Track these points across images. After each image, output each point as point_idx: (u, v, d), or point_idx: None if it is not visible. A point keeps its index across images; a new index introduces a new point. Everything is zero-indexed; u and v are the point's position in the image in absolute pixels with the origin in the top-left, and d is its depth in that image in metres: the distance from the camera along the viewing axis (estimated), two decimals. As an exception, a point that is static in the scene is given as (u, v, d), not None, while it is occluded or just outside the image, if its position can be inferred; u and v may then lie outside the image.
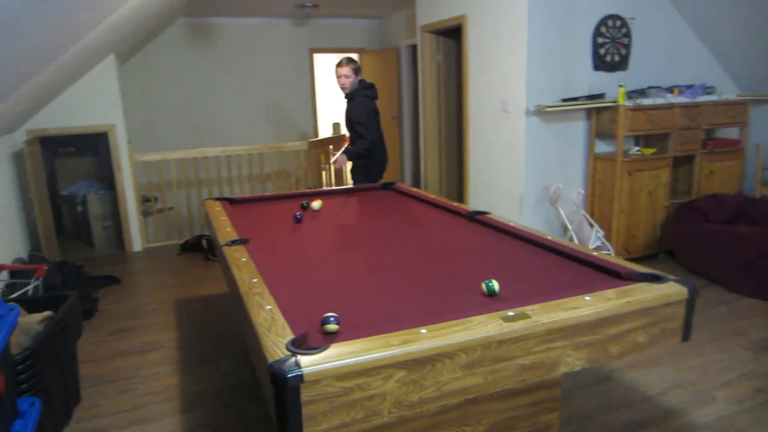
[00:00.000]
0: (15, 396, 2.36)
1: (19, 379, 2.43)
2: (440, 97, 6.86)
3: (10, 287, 4.02)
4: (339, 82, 4.68)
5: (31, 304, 3.13)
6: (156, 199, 7.23)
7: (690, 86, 5.29)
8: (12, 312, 2.32)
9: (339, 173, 7.25)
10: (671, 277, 2.06)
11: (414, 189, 4.25)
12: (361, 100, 4.64)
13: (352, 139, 4.75)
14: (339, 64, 4.67)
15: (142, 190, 7.12)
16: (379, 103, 4.92)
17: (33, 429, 2.29)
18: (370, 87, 4.73)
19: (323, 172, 6.90)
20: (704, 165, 5.36)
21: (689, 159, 5.37)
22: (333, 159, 4.63)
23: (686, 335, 2.04)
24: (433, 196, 3.89)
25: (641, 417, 2.87)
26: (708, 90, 5.35)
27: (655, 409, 2.94)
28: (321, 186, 7.32)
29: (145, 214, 6.74)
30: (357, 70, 4.67)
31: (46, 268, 4.06)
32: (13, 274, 4.35)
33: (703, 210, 4.93)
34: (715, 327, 3.87)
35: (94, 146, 7.15)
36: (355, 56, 9.57)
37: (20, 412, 2.33)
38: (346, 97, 4.76)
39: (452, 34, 6.50)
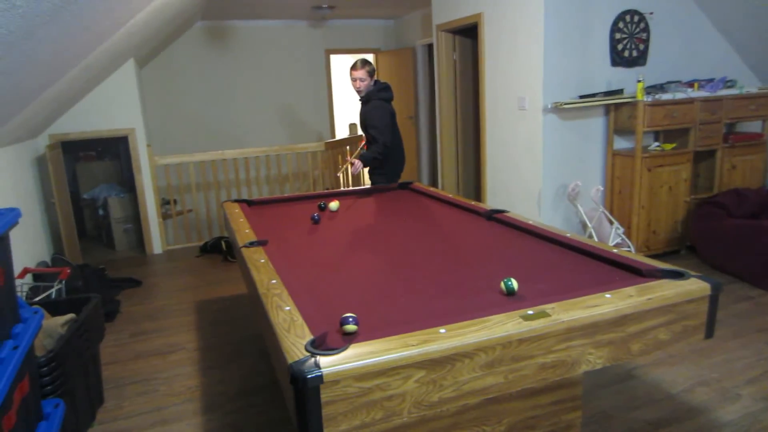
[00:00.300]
0: (39, 398, 2.39)
1: (43, 381, 2.47)
2: (457, 96, 6.84)
3: (34, 290, 4.08)
4: (354, 85, 4.61)
5: (54, 307, 3.18)
6: (175, 202, 7.29)
7: (710, 80, 5.22)
8: (36, 315, 2.36)
9: (357, 173, 7.26)
10: (693, 273, 2.04)
11: (431, 188, 4.24)
12: (375, 103, 4.58)
13: (369, 141, 4.73)
14: (353, 67, 4.59)
15: (162, 192, 7.20)
16: (396, 103, 4.89)
17: (57, 430, 2.32)
18: (385, 89, 4.67)
19: (340, 174, 6.89)
20: (726, 159, 5.29)
21: (710, 154, 5.30)
22: (349, 162, 4.53)
23: (710, 332, 2.01)
24: (450, 195, 3.88)
25: (664, 415, 2.84)
26: (729, 84, 5.28)
27: (679, 406, 2.91)
28: (338, 187, 7.33)
29: (164, 216, 6.80)
30: (372, 73, 4.60)
31: (68, 271, 4.11)
32: (37, 277, 4.41)
33: (726, 205, 4.86)
34: (739, 323, 3.82)
35: (114, 150, 7.24)
36: (370, 57, 9.59)
37: (45, 414, 2.36)
38: (360, 100, 4.73)
39: (468, 32, 6.48)
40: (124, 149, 6.70)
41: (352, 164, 4.43)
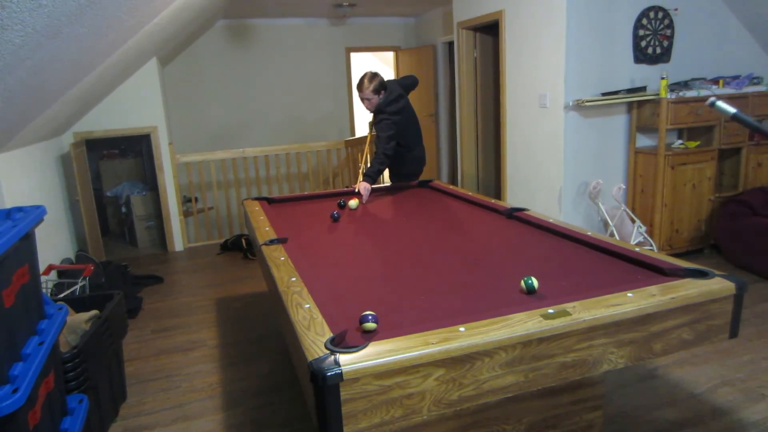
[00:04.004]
0: (64, 393, 2.42)
1: (68, 377, 2.50)
2: (477, 93, 6.80)
3: (59, 287, 4.14)
4: (364, 104, 4.46)
5: (78, 303, 3.22)
6: (197, 200, 7.35)
7: (736, 77, 5.14)
8: (60, 311, 2.39)
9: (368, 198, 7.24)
10: (717, 272, 2.01)
11: (451, 186, 4.23)
12: (381, 117, 4.41)
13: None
14: (359, 88, 4.36)
15: (183, 190, 7.26)
16: (416, 101, 4.83)
17: (81, 426, 2.35)
18: (396, 100, 4.43)
19: (359, 179, 6.86)
20: (752, 157, 5.21)
21: (735, 151, 5.23)
22: (357, 190, 4.24)
23: (734, 332, 1.98)
24: (470, 194, 3.86)
25: (688, 415, 2.80)
26: (755, 80, 5.19)
27: (702, 407, 2.87)
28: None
29: (186, 214, 6.86)
30: (378, 89, 4.36)
31: (92, 268, 4.16)
32: (61, 274, 4.48)
33: (751, 203, 4.79)
34: (764, 323, 3.76)
35: (137, 148, 7.32)
36: (390, 55, 9.55)
37: (69, 409, 2.40)
38: (371, 112, 4.63)
39: (489, 30, 6.44)
40: (147, 147, 6.76)
41: (360, 194, 4.10)
